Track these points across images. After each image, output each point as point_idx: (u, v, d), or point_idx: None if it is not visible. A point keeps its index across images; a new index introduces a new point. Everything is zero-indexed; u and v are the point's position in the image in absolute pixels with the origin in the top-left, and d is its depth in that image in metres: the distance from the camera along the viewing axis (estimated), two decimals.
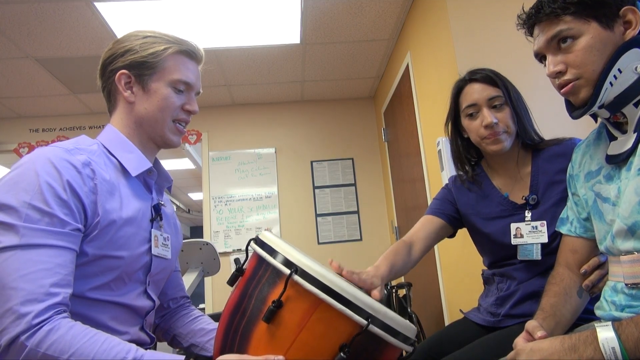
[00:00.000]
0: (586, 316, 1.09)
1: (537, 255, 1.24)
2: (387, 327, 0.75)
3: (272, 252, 0.80)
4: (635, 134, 0.89)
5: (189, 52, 1.09)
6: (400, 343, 0.78)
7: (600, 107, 0.92)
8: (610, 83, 0.89)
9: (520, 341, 0.95)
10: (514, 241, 1.28)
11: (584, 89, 0.92)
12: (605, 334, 0.76)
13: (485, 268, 1.46)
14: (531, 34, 1.01)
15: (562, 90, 0.95)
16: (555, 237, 1.23)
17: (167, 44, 1.05)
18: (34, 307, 0.77)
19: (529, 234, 1.26)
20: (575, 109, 0.96)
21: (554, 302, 1.05)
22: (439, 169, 2.48)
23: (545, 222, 1.24)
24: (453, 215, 1.42)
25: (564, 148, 1.28)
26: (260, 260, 0.83)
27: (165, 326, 1.21)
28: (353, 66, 3.66)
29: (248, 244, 0.88)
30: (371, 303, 0.75)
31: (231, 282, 0.87)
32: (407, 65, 3.00)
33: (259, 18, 2.89)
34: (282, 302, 0.75)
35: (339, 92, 4.14)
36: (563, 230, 1.13)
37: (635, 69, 0.88)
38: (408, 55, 2.98)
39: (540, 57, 1.00)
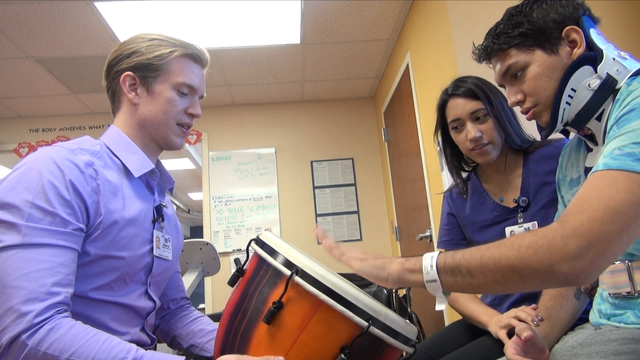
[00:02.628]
0: (586, 316, 1.10)
1: None
2: (387, 329, 0.75)
3: (273, 252, 0.80)
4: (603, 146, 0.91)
5: (194, 56, 1.09)
6: (400, 344, 0.78)
7: (565, 125, 0.96)
8: (568, 103, 0.91)
9: (510, 345, 0.95)
10: None
11: (543, 114, 0.96)
12: (431, 254, 0.80)
13: None
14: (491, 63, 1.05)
15: (526, 117, 0.99)
16: None
17: (172, 47, 1.06)
18: (35, 306, 0.77)
19: None
20: (543, 130, 1.00)
21: (549, 306, 1.05)
22: (439, 169, 2.48)
23: (536, 222, 1.26)
24: (463, 238, 1.46)
25: (553, 149, 1.30)
26: (260, 260, 0.83)
27: (165, 327, 1.21)
28: (353, 66, 3.66)
29: (249, 245, 0.87)
30: (372, 304, 0.75)
31: (232, 282, 0.87)
32: (407, 65, 3.00)
33: (259, 18, 2.89)
34: (282, 303, 0.75)
35: (339, 92, 4.14)
36: None
37: (589, 85, 0.89)
38: (408, 55, 2.98)
39: (503, 86, 1.04)
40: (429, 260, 0.79)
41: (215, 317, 1.13)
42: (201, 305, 4.05)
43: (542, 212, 1.26)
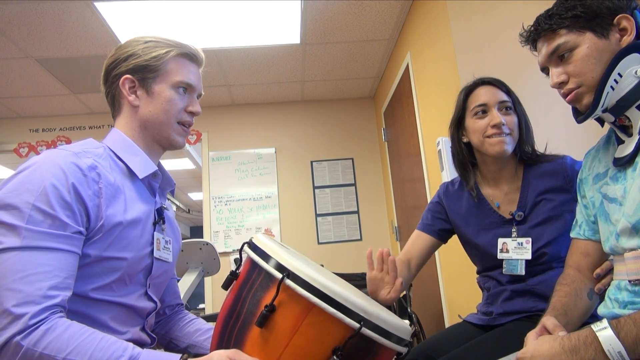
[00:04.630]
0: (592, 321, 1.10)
1: (520, 270, 1.26)
2: (379, 330, 0.75)
3: (265, 256, 0.80)
4: (639, 136, 0.91)
5: (189, 55, 1.11)
6: (393, 345, 0.78)
7: (604, 111, 0.96)
8: (612, 87, 0.92)
9: (532, 336, 0.95)
10: (499, 255, 1.31)
11: (586, 96, 0.96)
12: (607, 336, 0.77)
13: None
14: (535, 49, 1.05)
15: (566, 99, 0.99)
16: (540, 255, 1.25)
17: (168, 47, 1.07)
18: (30, 308, 0.78)
19: (514, 250, 1.28)
20: (580, 114, 1.00)
21: (565, 302, 1.06)
22: (439, 169, 2.47)
23: (530, 239, 1.26)
24: (443, 230, 1.45)
25: (555, 166, 1.31)
26: (253, 264, 0.83)
27: (160, 332, 1.21)
28: (353, 66, 3.66)
29: (241, 248, 0.88)
30: (363, 306, 0.75)
31: (225, 286, 0.88)
32: (407, 65, 3.00)
33: (259, 18, 2.89)
34: (274, 307, 0.76)
35: (339, 92, 4.14)
36: (572, 234, 1.15)
37: (636, 72, 0.90)
38: (408, 55, 2.98)
39: (546, 70, 1.04)
40: (619, 357, 0.76)
41: (214, 317, 1.13)
42: (201, 305, 4.06)
43: (536, 229, 1.27)
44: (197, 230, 10.26)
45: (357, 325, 0.73)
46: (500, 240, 1.31)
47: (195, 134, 4.09)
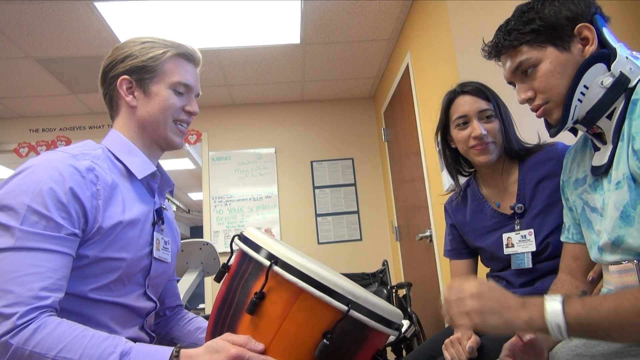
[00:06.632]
0: None
1: (528, 263, 1.26)
2: (368, 312, 0.76)
3: (254, 246, 0.82)
4: (612, 145, 0.90)
5: (186, 55, 1.11)
6: (383, 327, 0.78)
7: (575, 123, 0.94)
8: (579, 100, 0.90)
9: (507, 345, 0.95)
10: (506, 251, 1.31)
11: (554, 111, 0.94)
12: (552, 306, 0.75)
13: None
14: (500, 61, 1.04)
15: (536, 114, 0.98)
16: (546, 246, 1.24)
17: (165, 47, 1.07)
18: (20, 309, 0.78)
19: (519, 243, 1.28)
20: (552, 127, 0.98)
21: None
22: (439, 169, 2.47)
23: (532, 230, 1.26)
24: (465, 247, 1.47)
25: (546, 154, 1.31)
26: (243, 255, 0.85)
27: (161, 332, 1.22)
28: (353, 66, 3.66)
29: (232, 241, 0.90)
30: (351, 289, 0.76)
31: (218, 278, 0.89)
32: (407, 65, 3.00)
33: (259, 18, 2.89)
34: (264, 294, 0.77)
35: (339, 92, 4.14)
36: (562, 237, 1.14)
37: (601, 83, 0.89)
38: (408, 55, 2.98)
39: (512, 83, 1.03)
40: (557, 329, 0.74)
41: None
42: (201, 305, 4.06)
43: (537, 218, 1.27)
44: (197, 230, 10.25)
45: (345, 308, 0.74)
46: (505, 236, 1.31)
47: (195, 134, 4.09)
